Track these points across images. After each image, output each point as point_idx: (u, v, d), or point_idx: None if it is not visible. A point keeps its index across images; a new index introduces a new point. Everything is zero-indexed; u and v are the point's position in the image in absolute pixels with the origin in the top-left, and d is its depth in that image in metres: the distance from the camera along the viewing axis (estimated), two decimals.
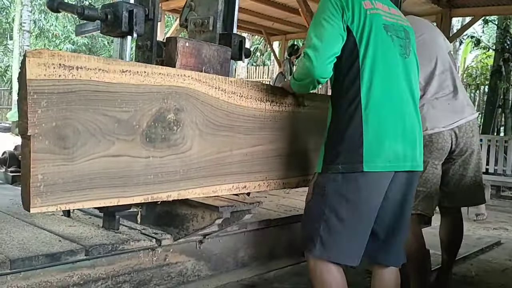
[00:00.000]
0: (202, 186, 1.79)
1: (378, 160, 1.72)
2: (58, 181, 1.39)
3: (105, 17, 1.81)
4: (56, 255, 1.63)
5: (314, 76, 1.74)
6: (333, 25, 1.74)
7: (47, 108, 1.36)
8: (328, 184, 1.74)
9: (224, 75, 2.06)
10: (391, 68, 1.78)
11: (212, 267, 2.25)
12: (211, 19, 2.15)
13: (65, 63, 1.39)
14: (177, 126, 1.68)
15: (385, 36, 1.78)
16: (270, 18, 8.50)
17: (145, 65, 1.62)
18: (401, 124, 1.78)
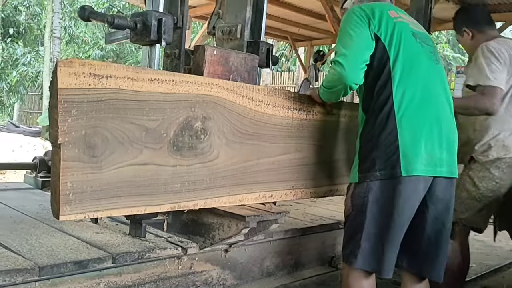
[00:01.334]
0: (228, 195, 1.78)
1: (416, 163, 1.70)
2: (87, 189, 1.40)
3: (135, 25, 1.82)
4: (83, 262, 1.64)
5: (346, 82, 1.73)
6: (360, 34, 1.74)
7: (77, 116, 1.37)
8: (367, 193, 1.72)
9: (251, 83, 2.05)
10: (424, 72, 1.77)
11: (237, 276, 2.23)
12: (239, 27, 2.15)
13: (95, 72, 1.40)
14: (204, 135, 1.68)
15: (414, 42, 1.79)
16: (296, 24, 8.47)
17: (173, 73, 1.63)
18: (437, 128, 1.75)
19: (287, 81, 15.64)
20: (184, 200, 1.64)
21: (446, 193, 1.82)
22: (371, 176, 1.71)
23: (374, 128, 1.74)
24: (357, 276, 1.75)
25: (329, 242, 2.73)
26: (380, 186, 1.71)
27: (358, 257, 1.72)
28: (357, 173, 1.76)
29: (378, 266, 1.74)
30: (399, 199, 1.70)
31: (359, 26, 1.76)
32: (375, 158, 1.71)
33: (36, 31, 21.32)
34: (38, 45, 21.20)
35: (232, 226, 1.83)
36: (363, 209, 1.72)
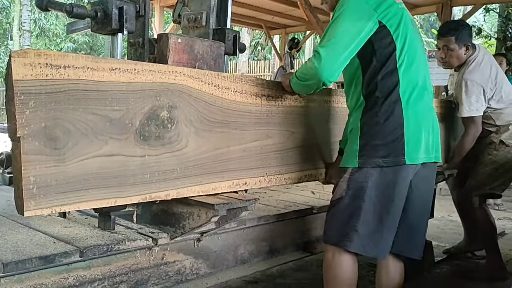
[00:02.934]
0: (201, 184, 1.76)
1: (418, 152, 1.73)
2: (51, 183, 1.35)
3: (95, 14, 1.79)
4: (50, 257, 1.61)
5: (321, 78, 1.68)
6: (356, 26, 1.67)
7: (35, 109, 1.32)
8: (366, 179, 1.72)
9: (218, 70, 2.03)
10: (421, 62, 1.79)
11: (211, 265, 2.23)
12: (204, 14, 2.12)
13: (52, 62, 1.35)
14: (171, 124, 1.65)
15: (414, 30, 1.79)
16: (270, 12, 8.46)
17: (135, 62, 1.59)
18: (430, 116, 1.81)
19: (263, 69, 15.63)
20: (155, 191, 1.61)
21: (431, 176, 1.89)
22: (372, 162, 1.71)
23: (379, 115, 1.72)
24: (346, 258, 1.77)
25: (303, 228, 2.75)
26: (381, 173, 1.71)
27: (354, 241, 1.73)
28: (356, 158, 1.74)
29: (375, 250, 1.77)
30: (400, 185, 1.73)
31: (360, 15, 1.68)
32: (379, 145, 1.70)
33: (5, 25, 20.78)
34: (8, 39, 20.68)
35: (202, 215, 1.82)
36: (361, 194, 1.73)
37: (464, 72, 2.81)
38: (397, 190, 1.74)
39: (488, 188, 2.89)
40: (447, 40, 2.81)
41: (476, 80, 2.77)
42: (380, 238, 1.76)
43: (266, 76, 15.09)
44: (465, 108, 2.77)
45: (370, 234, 1.74)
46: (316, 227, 2.84)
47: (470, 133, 2.82)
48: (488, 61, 2.87)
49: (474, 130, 2.81)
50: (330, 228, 1.83)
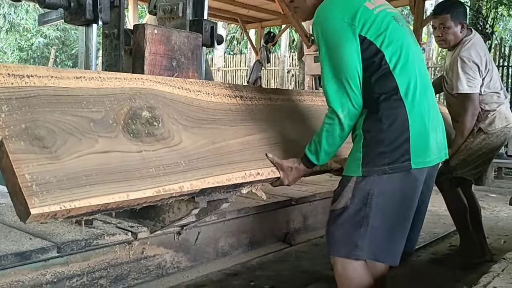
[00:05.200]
0: (213, 175, 1.66)
1: (425, 155, 1.66)
2: (51, 179, 1.25)
3: (68, 4, 1.75)
4: (26, 253, 1.57)
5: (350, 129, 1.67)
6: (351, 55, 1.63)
7: (10, 112, 1.27)
8: (373, 186, 1.65)
9: (195, 61, 2.02)
10: (414, 57, 1.72)
11: (192, 258, 2.22)
12: (181, 5, 2.10)
13: (13, 72, 1.31)
14: (157, 122, 1.59)
15: (399, 27, 1.71)
16: (245, 6, 8.43)
17: (99, 71, 1.57)
18: (435, 113, 1.74)
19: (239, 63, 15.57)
20: (167, 183, 1.50)
21: (435, 174, 1.83)
22: (379, 171, 1.64)
23: (383, 121, 1.64)
24: (357, 265, 1.70)
25: (283, 219, 2.77)
26: (388, 180, 1.64)
27: (364, 249, 1.66)
28: (359, 167, 1.66)
29: (387, 256, 1.72)
30: (407, 192, 1.67)
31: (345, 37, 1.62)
32: (383, 152, 1.63)
33: None
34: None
35: (182, 207, 1.80)
36: (368, 202, 1.65)
37: (460, 50, 2.80)
38: (406, 196, 1.68)
39: (459, 173, 2.92)
40: (443, 18, 2.82)
41: (472, 57, 2.77)
42: (391, 244, 1.70)
43: (243, 71, 15.05)
44: (462, 84, 2.76)
45: (380, 241, 1.68)
46: (295, 218, 2.86)
47: (469, 111, 2.79)
48: (483, 45, 2.90)
49: (472, 108, 2.79)
50: (336, 239, 1.73)
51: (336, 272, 1.74)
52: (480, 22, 9.41)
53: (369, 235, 1.66)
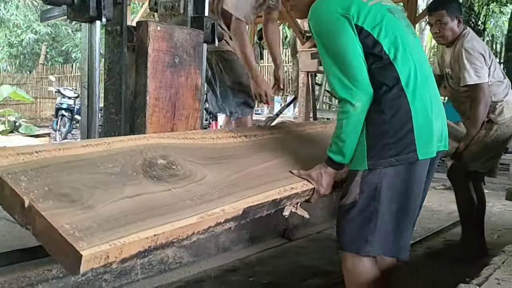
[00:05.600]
0: (250, 196, 1.59)
1: (430, 145, 1.67)
2: (91, 225, 1.19)
3: (72, 1, 1.75)
4: (32, 249, 1.58)
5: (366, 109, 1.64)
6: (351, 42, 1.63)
7: (29, 180, 1.25)
8: (380, 179, 1.64)
9: (198, 58, 2.03)
10: (413, 48, 1.72)
11: (194, 253, 2.24)
12: (182, 2, 2.11)
13: (22, 151, 1.33)
14: (175, 165, 1.58)
15: (394, 19, 1.72)
16: None
17: (102, 138, 1.59)
18: (436, 102, 1.74)
19: None
20: (209, 209, 1.44)
21: (436, 164, 1.83)
22: (384, 163, 1.63)
23: (385, 112, 1.64)
24: (367, 262, 1.71)
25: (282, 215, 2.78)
26: (395, 172, 1.64)
27: (374, 245, 1.66)
28: (365, 160, 1.66)
29: (397, 250, 1.71)
30: (416, 182, 1.67)
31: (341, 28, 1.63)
32: (389, 144, 1.63)
33: None
34: None
35: None
36: (376, 196, 1.65)
37: (462, 42, 2.81)
38: (413, 188, 1.69)
39: (472, 166, 2.91)
40: (439, 14, 2.84)
41: (476, 47, 2.78)
42: (400, 237, 1.71)
43: None
44: (471, 74, 2.74)
45: (389, 235, 1.68)
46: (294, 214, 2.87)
47: (481, 102, 2.78)
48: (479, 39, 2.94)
49: (484, 97, 2.77)
50: (346, 235, 1.73)
51: (345, 268, 1.74)
52: (472, 19, 9.50)
53: (379, 230, 1.67)
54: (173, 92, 1.94)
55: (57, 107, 10.76)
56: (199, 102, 2.06)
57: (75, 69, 17.28)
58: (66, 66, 18.11)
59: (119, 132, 1.90)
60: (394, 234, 1.70)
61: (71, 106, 10.58)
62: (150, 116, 1.87)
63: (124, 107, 1.89)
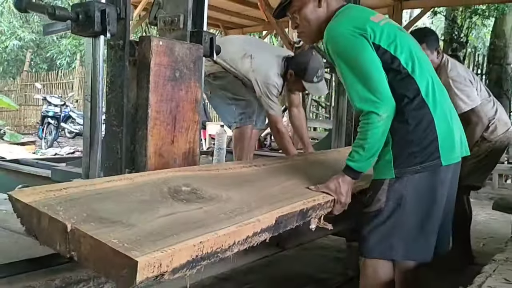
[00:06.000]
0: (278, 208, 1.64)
1: (453, 151, 1.75)
2: (138, 238, 1.21)
3: (77, 17, 1.79)
4: (39, 259, 1.61)
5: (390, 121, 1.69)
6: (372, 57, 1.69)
7: (65, 209, 1.30)
8: (407, 187, 1.72)
9: (197, 72, 2.09)
10: (426, 62, 1.81)
11: None
12: (182, 17, 2.16)
13: (50, 189, 1.40)
14: (199, 191, 1.67)
15: (406, 36, 1.82)
16: (227, 12, 8.51)
17: (124, 175, 1.71)
18: (454, 112, 1.83)
19: None
20: (244, 220, 1.48)
21: (459, 171, 1.91)
22: (411, 171, 1.70)
23: (409, 122, 1.71)
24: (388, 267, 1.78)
25: None
26: (420, 179, 1.71)
27: (399, 250, 1.73)
28: (392, 168, 1.73)
29: (420, 255, 1.78)
30: (440, 188, 1.74)
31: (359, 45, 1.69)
32: (414, 152, 1.70)
33: None
34: None
35: None
36: (402, 203, 1.72)
37: (446, 72, 2.94)
38: (438, 193, 1.75)
39: (470, 180, 3.02)
40: None
41: (461, 73, 2.92)
42: (424, 242, 1.77)
43: None
44: (465, 101, 2.87)
45: (413, 240, 1.74)
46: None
47: (479, 124, 2.92)
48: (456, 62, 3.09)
49: (480, 120, 2.91)
50: (370, 242, 1.79)
51: (365, 275, 1.82)
52: (455, 31, 9.72)
53: (404, 235, 1.74)
54: (173, 105, 1.99)
55: (43, 114, 10.70)
56: (199, 114, 2.11)
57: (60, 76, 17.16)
58: (51, 73, 17.96)
59: (121, 143, 1.94)
60: (418, 239, 1.76)
61: (57, 114, 10.53)
62: (151, 128, 1.91)
63: (125, 119, 1.93)
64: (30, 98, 16.51)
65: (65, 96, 12.66)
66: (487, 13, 9.75)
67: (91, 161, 1.90)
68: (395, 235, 1.75)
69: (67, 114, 11.20)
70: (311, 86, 3.13)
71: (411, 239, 1.76)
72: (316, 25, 1.89)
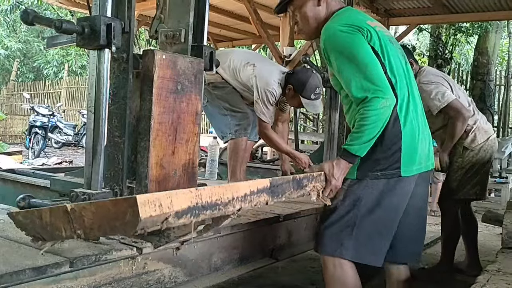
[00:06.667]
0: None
1: (414, 164, 1.80)
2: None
3: (82, 30, 1.83)
4: (41, 268, 1.62)
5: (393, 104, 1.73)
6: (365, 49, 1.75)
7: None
8: (364, 190, 1.79)
9: (198, 85, 2.13)
10: (407, 75, 1.88)
11: (188, 273, 2.30)
12: (183, 32, 2.21)
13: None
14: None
15: (394, 48, 1.87)
16: (218, 25, 8.58)
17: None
18: (425, 126, 1.89)
19: None
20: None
21: (425, 183, 1.97)
22: (371, 175, 1.77)
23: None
24: (349, 266, 1.82)
25: (270, 235, 2.88)
26: (379, 185, 1.78)
27: (349, 249, 1.79)
28: (355, 170, 1.80)
29: (371, 257, 1.83)
30: (395, 198, 1.80)
31: (357, 39, 1.75)
32: (378, 159, 1.76)
33: None
34: None
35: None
36: (357, 204, 1.78)
37: (419, 79, 3.02)
38: (394, 201, 1.81)
39: (460, 195, 3.07)
40: None
41: (432, 78, 3.01)
42: (376, 246, 1.83)
43: None
44: (439, 100, 2.93)
45: (365, 242, 1.80)
46: (281, 235, 2.98)
47: (459, 117, 2.92)
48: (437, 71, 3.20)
49: (457, 114, 2.92)
50: (324, 238, 1.85)
51: (327, 272, 1.87)
52: (440, 47, 9.94)
53: (355, 236, 1.80)
54: (175, 117, 2.03)
55: (31, 124, 10.60)
56: (198, 126, 2.16)
57: (47, 86, 17.04)
58: (38, 83, 17.83)
59: (122, 154, 1.97)
60: (370, 242, 1.82)
61: (45, 123, 10.45)
62: (153, 139, 1.95)
63: (127, 130, 1.97)
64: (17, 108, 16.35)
65: (53, 106, 12.58)
66: (471, 31, 10.00)
67: (93, 171, 1.92)
68: (347, 234, 1.80)
69: (54, 124, 11.12)
70: (308, 103, 3.22)
71: (362, 241, 1.81)
72: (315, 23, 1.96)
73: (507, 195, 6.73)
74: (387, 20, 7.87)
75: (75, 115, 14.89)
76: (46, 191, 2.40)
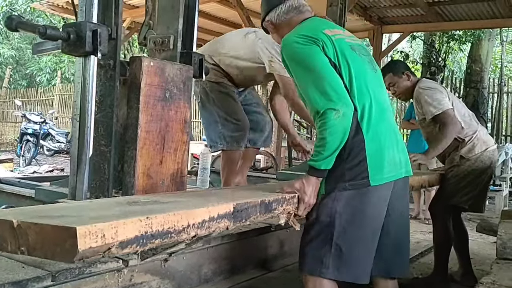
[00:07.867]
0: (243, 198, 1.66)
1: (382, 172, 1.75)
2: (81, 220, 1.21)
3: (68, 36, 1.79)
4: (22, 282, 1.57)
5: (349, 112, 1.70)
6: (321, 60, 1.74)
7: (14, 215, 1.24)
8: (335, 203, 1.73)
9: (187, 92, 2.09)
10: (372, 82, 1.84)
11: (177, 285, 2.24)
12: (172, 38, 2.17)
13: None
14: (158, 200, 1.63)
15: (355, 55, 1.84)
16: (210, 32, 8.56)
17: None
18: (393, 132, 1.85)
19: None
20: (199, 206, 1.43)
21: (405, 191, 1.93)
22: (339, 187, 1.72)
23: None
24: (325, 285, 1.74)
25: (262, 246, 2.83)
26: (348, 197, 1.72)
27: (329, 267, 1.72)
28: (324, 185, 1.75)
29: (353, 274, 1.75)
30: (369, 208, 1.74)
31: (312, 51, 1.74)
32: (344, 170, 1.72)
33: None
34: None
35: None
36: (331, 220, 1.72)
37: (418, 86, 3.04)
38: (368, 213, 1.75)
39: (453, 201, 3.04)
40: (387, 78, 3.07)
41: (430, 86, 3.03)
42: (359, 262, 1.76)
43: None
44: (435, 106, 2.92)
45: (346, 259, 1.73)
46: (273, 245, 2.93)
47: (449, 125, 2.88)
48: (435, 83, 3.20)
49: (451, 121, 2.89)
50: (304, 256, 1.80)
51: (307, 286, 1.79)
52: (433, 55, 9.97)
53: (335, 253, 1.73)
54: (163, 125, 1.99)
55: (22, 131, 10.50)
56: (187, 135, 2.11)
57: (40, 93, 16.95)
58: (30, 90, 17.73)
59: (108, 163, 1.92)
60: (350, 258, 1.74)
61: (36, 131, 10.36)
62: (140, 148, 1.90)
63: (114, 139, 1.92)
64: (8, 115, 16.23)
65: (45, 113, 12.48)
66: (464, 39, 10.04)
67: (78, 181, 1.87)
68: (326, 251, 1.73)
69: (46, 131, 11.02)
70: None
71: (343, 258, 1.74)
72: (281, 35, 1.97)
73: (501, 203, 6.71)
74: (381, 27, 7.90)
75: (67, 122, 14.79)
76: (31, 201, 2.34)
